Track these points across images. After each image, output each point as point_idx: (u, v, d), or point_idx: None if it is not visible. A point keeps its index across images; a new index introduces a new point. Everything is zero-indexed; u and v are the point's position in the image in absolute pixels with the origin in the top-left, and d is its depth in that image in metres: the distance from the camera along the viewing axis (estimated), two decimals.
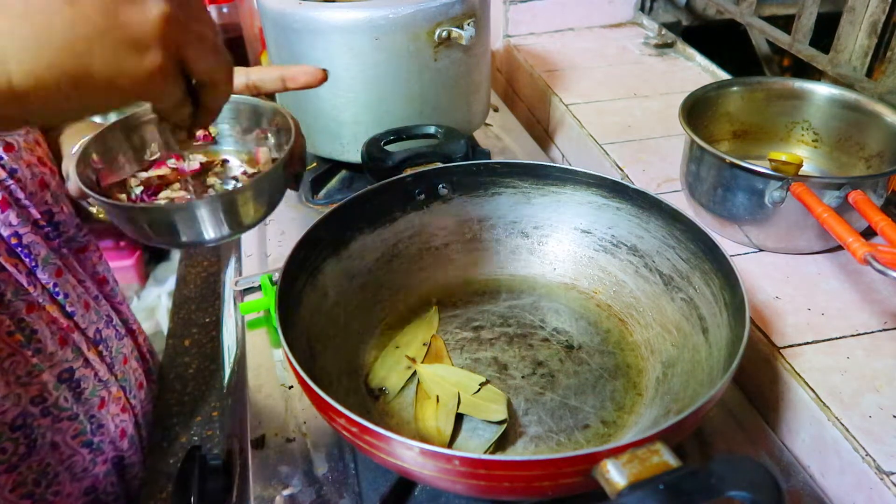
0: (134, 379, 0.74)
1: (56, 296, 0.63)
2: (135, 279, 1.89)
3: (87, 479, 0.67)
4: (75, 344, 0.64)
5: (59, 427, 0.63)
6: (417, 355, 0.60)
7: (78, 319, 0.65)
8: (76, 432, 0.65)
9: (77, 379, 0.64)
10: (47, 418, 0.62)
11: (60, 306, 0.63)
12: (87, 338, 0.66)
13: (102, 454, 0.68)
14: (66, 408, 0.63)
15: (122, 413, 0.70)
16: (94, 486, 0.67)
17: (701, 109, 0.77)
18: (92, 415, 0.66)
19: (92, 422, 0.66)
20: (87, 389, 0.65)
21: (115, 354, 0.71)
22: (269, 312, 0.70)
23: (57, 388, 0.62)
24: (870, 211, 0.59)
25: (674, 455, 0.38)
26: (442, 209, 0.68)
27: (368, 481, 0.53)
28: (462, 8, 0.74)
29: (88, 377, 0.65)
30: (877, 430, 0.52)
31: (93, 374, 0.66)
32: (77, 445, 0.65)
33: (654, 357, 0.59)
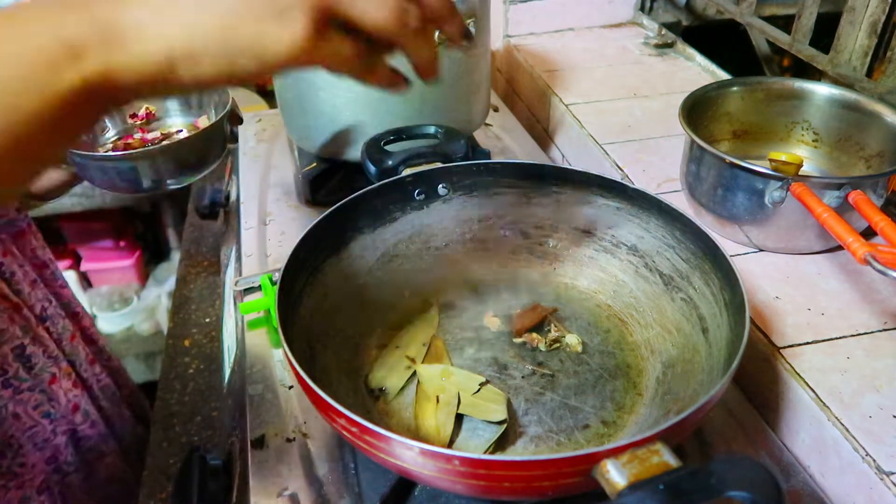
0: (84, 355, 0.78)
1: (3, 273, 0.67)
2: (135, 279, 1.89)
3: (48, 449, 0.70)
4: (24, 320, 0.68)
5: (20, 398, 0.66)
6: (417, 355, 0.60)
7: (25, 297, 0.69)
8: (36, 403, 0.68)
9: (28, 355, 0.68)
10: (8, 390, 0.65)
11: (8, 283, 0.67)
12: (35, 315, 0.70)
13: (61, 426, 0.71)
14: (25, 379, 0.67)
15: (74, 388, 0.74)
16: (55, 456, 0.71)
17: (701, 109, 0.77)
18: (42, 389, 0.69)
19: (45, 394, 0.69)
20: (38, 365, 0.69)
21: (61, 332, 0.74)
22: (269, 312, 0.70)
23: (14, 362, 0.66)
24: (870, 211, 0.59)
25: (674, 455, 0.38)
26: (442, 209, 0.68)
27: (368, 481, 0.53)
28: (462, 8, 0.74)
29: (38, 353, 0.69)
30: (877, 430, 0.52)
31: (42, 351, 0.69)
32: (38, 416, 0.68)
33: (654, 357, 0.59)
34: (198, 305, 0.94)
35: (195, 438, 0.74)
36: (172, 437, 0.74)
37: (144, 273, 1.92)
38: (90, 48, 0.32)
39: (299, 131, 0.84)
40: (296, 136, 0.86)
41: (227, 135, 0.63)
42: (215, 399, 0.78)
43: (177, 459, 0.72)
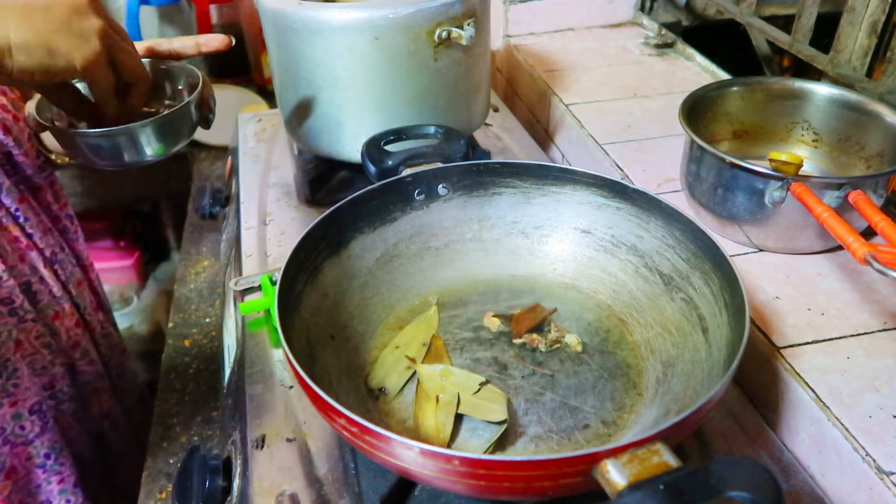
0: (89, 301, 0.86)
1: (17, 219, 0.75)
2: (135, 279, 1.89)
3: (45, 375, 0.78)
4: (31, 262, 0.76)
5: (23, 327, 0.75)
6: (417, 355, 0.60)
7: (36, 240, 0.77)
8: (38, 333, 0.76)
9: (34, 291, 0.76)
10: (14, 318, 0.74)
11: (21, 227, 0.75)
12: (45, 257, 0.78)
13: (59, 358, 0.79)
14: (30, 310, 0.75)
15: (76, 328, 0.82)
16: (52, 383, 0.79)
17: (701, 109, 0.77)
18: (45, 323, 0.78)
19: (48, 328, 0.78)
20: (43, 301, 0.77)
21: (69, 276, 0.82)
22: (269, 312, 0.70)
23: (20, 294, 0.74)
24: (870, 211, 0.59)
25: (674, 455, 0.38)
26: (442, 209, 0.68)
27: (368, 481, 0.53)
28: (462, 8, 0.74)
29: (44, 292, 0.78)
30: (877, 430, 0.52)
31: (47, 291, 0.78)
32: (39, 345, 0.77)
33: (654, 357, 0.59)
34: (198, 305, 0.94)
35: (195, 438, 0.74)
36: (172, 437, 0.74)
37: (144, 273, 1.92)
38: None
39: (299, 131, 0.84)
40: (296, 136, 0.86)
41: (195, 118, 0.68)
42: (215, 399, 0.78)
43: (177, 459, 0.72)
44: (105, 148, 0.63)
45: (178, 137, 0.67)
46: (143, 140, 0.64)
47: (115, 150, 0.63)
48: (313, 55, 0.75)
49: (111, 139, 0.62)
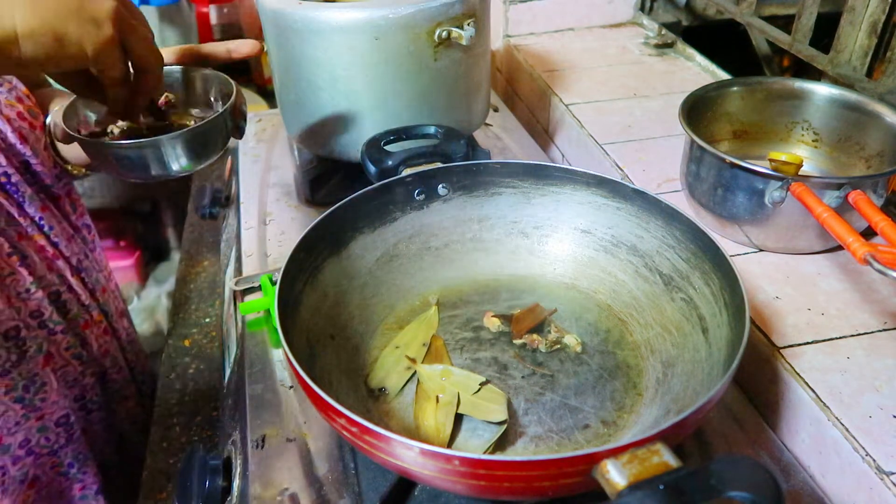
0: (114, 308, 0.85)
1: (42, 227, 0.74)
2: (135, 279, 1.89)
3: (76, 387, 0.77)
4: (59, 271, 0.75)
5: (53, 339, 0.73)
6: (417, 355, 0.60)
7: (62, 248, 0.76)
8: (68, 345, 0.75)
9: (63, 300, 0.75)
10: (43, 330, 0.72)
11: (46, 236, 0.74)
12: (71, 265, 0.77)
13: (91, 367, 0.78)
14: (59, 322, 0.74)
15: (105, 335, 0.81)
16: (83, 394, 0.78)
17: (701, 109, 0.77)
18: (76, 333, 0.76)
19: (78, 338, 0.76)
20: (72, 311, 0.76)
21: (95, 283, 0.81)
22: (269, 312, 0.70)
23: (49, 306, 0.72)
24: (870, 211, 0.59)
25: (674, 455, 0.38)
26: (442, 209, 0.68)
27: (368, 481, 0.53)
28: (462, 8, 0.74)
29: (72, 300, 0.76)
30: (877, 430, 0.52)
31: (76, 300, 0.77)
32: (69, 357, 0.75)
33: (654, 357, 0.59)
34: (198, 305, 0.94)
35: (195, 438, 0.74)
36: (172, 437, 0.74)
37: (144, 273, 1.92)
38: None
39: (299, 131, 0.84)
40: (296, 136, 0.86)
41: (229, 127, 0.66)
42: (215, 399, 0.78)
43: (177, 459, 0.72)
44: (134, 160, 0.60)
45: (211, 149, 0.64)
46: (175, 152, 0.60)
47: (144, 162, 0.60)
48: (313, 55, 0.75)
49: (141, 151, 0.59)
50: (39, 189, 0.75)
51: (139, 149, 0.60)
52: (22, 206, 0.72)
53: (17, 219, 0.71)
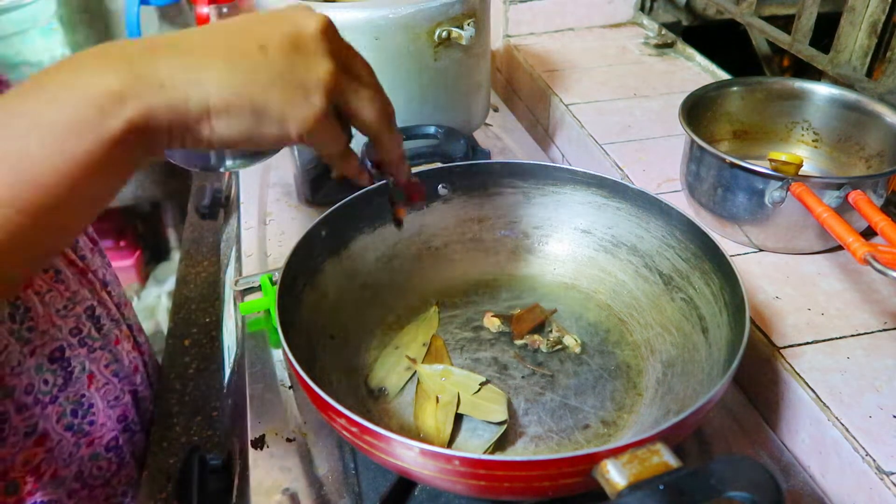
0: (135, 322, 0.81)
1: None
2: (135, 279, 1.89)
3: (118, 406, 0.72)
4: (90, 283, 0.71)
5: (93, 357, 0.69)
6: (417, 355, 0.60)
7: (89, 262, 0.72)
8: (107, 362, 0.71)
9: (97, 316, 0.71)
10: (83, 348, 0.68)
11: (74, 250, 0.70)
12: (98, 279, 0.73)
13: (126, 385, 0.74)
14: (96, 338, 0.69)
15: (133, 351, 0.77)
16: (125, 414, 0.73)
17: (701, 109, 0.77)
18: (110, 349, 0.72)
19: (113, 354, 0.72)
20: (105, 326, 0.72)
21: (119, 297, 0.78)
22: (269, 312, 0.70)
23: (87, 321, 0.68)
24: (870, 211, 0.59)
25: (674, 455, 0.38)
26: (442, 209, 0.68)
27: (368, 481, 0.53)
28: (462, 8, 0.74)
29: (104, 315, 0.72)
30: (877, 430, 0.52)
31: (106, 313, 0.73)
32: (109, 374, 0.71)
33: (654, 357, 0.59)
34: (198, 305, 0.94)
35: (195, 438, 0.74)
36: (172, 437, 0.74)
37: (144, 273, 1.92)
38: (132, 94, 0.35)
39: None
40: None
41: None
42: (215, 399, 0.78)
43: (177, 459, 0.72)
44: (194, 151, 0.57)
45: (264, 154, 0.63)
46: (231, 151, 0.57)
47: (206, 154, 0.58)
48: None
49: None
50: None
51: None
52: None
53: None
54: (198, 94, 0.37)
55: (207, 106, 0.37)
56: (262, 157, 0.62)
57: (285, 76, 0.39)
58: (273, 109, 0.39)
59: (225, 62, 0.38)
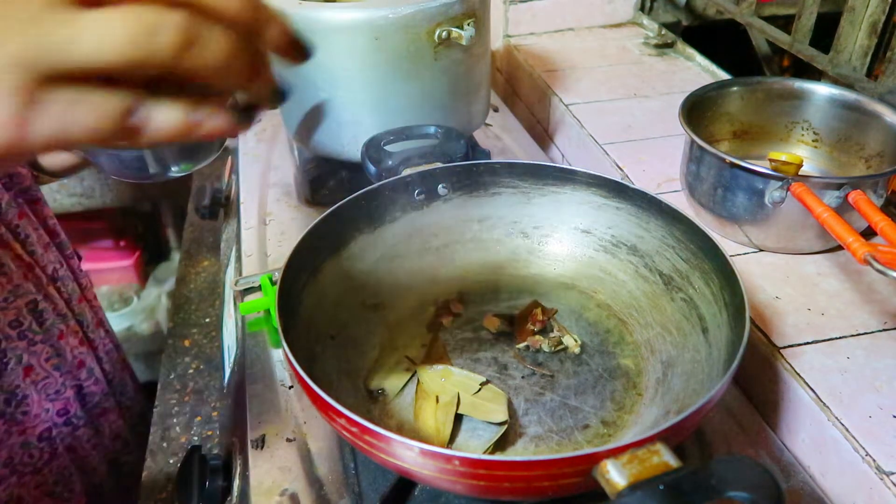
0: (90, 317, 0.82)
1: (18, 235, 0.71)
2: (135, 279, 1.89)
3: (59, 400, 0.75)
4: (36, 278, 0.72)
5: (33, 350, 0.71)
6: (417, 355, 0.60)
7: (38, 257, 0.73)
8: (48, 355, 0.73)
9: (40, 310, 0.72)
10: (23, 341, 0.70)
11: (23, 244, 0.71)
12: (46, 274, 0.74)
13: (68, 380, 0.76)
14: (37, 332, 0.71)
15: (81, 346, 0.79)
16: (66, 408, 0.76)
17: (701, 109, 0.77)
18: (52, 343, 0.74)
19: (55, 349, 0.74)
20: (49, 320, 0.74)
21: (71, 292, 0.79)
22: (269, 312, 0.70)
23: (27, 315, 0.70)
24: (870, 211, 0.59)
25: (674, 455, 0.38)
26: (442, 209, 0.68)
27: (368, 481, 0.53)
28: (462, 8, 0.74)
29: (49, 309, 0.74)
30: (877, 430, 0.52)
31: (52, 308, 0.74)
32: (50, 368, 0.73)
33: (654, 357, 0.59)
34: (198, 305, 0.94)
35: (195, 438, 0.74)
36: (172, 437, 0.74)
37: (144, 273, 1.92)
38: None
39: (299, 131, 0.84)
40: (296, 136, 0.86)
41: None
42: (215, 399, 0.78)
43: (177, 459, 0.72)
44: (133, 160, 0.60)
45: (207, 149, 0.63)
46: (170, 153, 0.60)
47: (141, 163, 0.60)
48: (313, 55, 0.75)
49: (141, 150, 0.59)
50: (18, 192, 0.73)
51: (139, 148, 0.59)
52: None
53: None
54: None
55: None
56: (203, 155, 0.63)
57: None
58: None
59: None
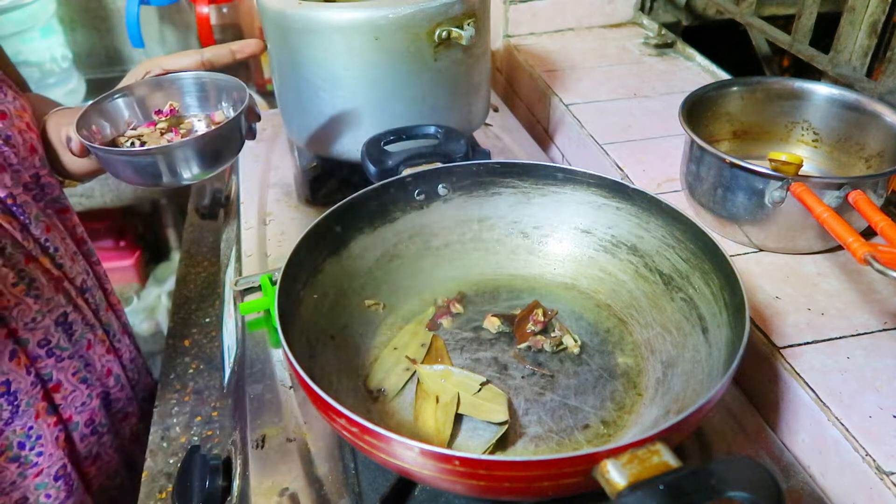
0: (116, 325, 0.83)
1: (47, 249, 0.71)
2: (135, 279, 1.89)
3: (86, 412, 0.76)
4: (66, 291, 0.73)
5: (61, 366, 0.72)
6: (417, 356, 0.60)
7: (66, 270, 0.74)
8: (75, 370, 0.74)
9: (70, 322, 0.73)
10: (52, 359, 0.71)
11: (52, 258, 0.72)
12: (75, 286, 0.75)
13: (95, 389, 0.77)
14: (65, 348, 0.72)
15: (108, 354, 0.80)
16: (92, 418, 0.77)
17: (701, 109, 0.77)
18: (81, 355, 0.75)
19: (82, 360, 0.75)
20: (77, 332, 0.74)
21: (98, 302, 0.80)
22: (269, 312, 0.70)
23: (56, 331, 0.71)
24: (870, 211, 0.59)
25: (674, 455, 0.38)
26: (442, 209, 0.68)
27: (368, 481, 0.53)
28: (462, 8, 0.74)
29: (78, 321, 0.74)
30: (877, 430, 0.52)
31: (81, 318, 0.75)
32: (76, 382, 0.74)
33: (654, 357, 0.59)
34: (198, 305, 0.94)
35: (195, 438, 0.74)
36: (172, 437, 0.74)
37: (144, 273, 1.92)
38: None
39: (299, 131, 0.84)
40: (296, 136, 0.86)
41: (244, 131, 0.65)
42: (215, 399, 0.78)
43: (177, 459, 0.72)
44: (151, 168, 0.60)
45: (225, 155, 0.64)
46: (191, 159, 0.60)
47: (158, 171, 0.60)
48: (313, 55, 0.75)
49: (159, 158, 0.59)
50: (47, 204, 0.73)
51: (160, 155, 0.59)
52: (27, 227, 0.69)
53: (21, 242, 0.68)
54: None
55: None
56: (218, 163, 0.63)
57: None
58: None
59: None
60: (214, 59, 0.68)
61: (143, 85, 0.69)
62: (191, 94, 0.70)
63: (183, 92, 0.69)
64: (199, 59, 0.68)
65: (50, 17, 1.51)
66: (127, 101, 0.68)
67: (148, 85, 0.69)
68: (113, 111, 0.68)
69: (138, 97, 0.69)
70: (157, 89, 0.69)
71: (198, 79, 0.69)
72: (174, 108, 0.68)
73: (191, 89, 0.69)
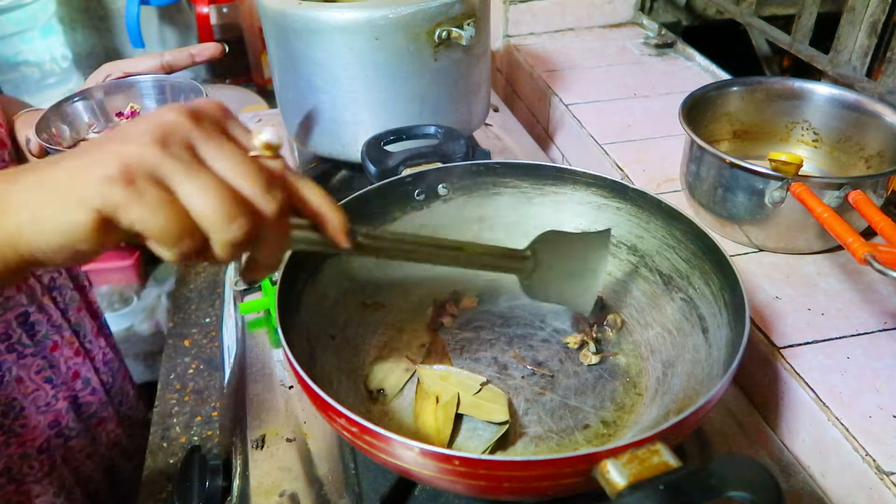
0: (89, 327, 0.81)
1: None
2: (135, 279, 1.89)
3: (50, 412, 0.74)
4: (30, 289, 0.71)
5: (23, 363, 0.70)
6: (417, 356, 0.60)
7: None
8: (39, 368, 0.72)
9: (31, 322, 0.71)
10: (12, 354, 0.69)
11: None
12: (42, 284, 0.73)
13: (61, 391, 0.75)
14: (28, 345, 0.71)
15: (76, 356, 0.78)
16: (57, 420, 0.75)
17: (701, 109, 0.77)
18: (45, 355, 0.73)
19: (47, 361, 0.73)
20: (41, 332, 0.73)
21: (68, 302, 0.78)
22: (269, 312, 0.70)
23: (17, 328, 0.69)
24: (870, 211, 0.59)
25: (674, 455, 0.38)
26: (442, 209, 0.68)
27: (368, 481, 0.53)
28: (462, 8, 0.74)
29: (42, 321, 0.73)
30: (877, 430, 0.52)
31: (46, 319, 0.73)
32: (40, 381, 0.72)
33: (654, 357, 0.59)
34: (198, 305, 0.94)
35: (195, 438, 0.74)
36: (172, 437, 0.74)
37: (144, 273, 1.92)
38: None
39: (299, 131, 0.84)
40: (296, 136, 0.86)
41: None
42: (215, 399, 0.78)
43: (177, 459, 0.72)
44: None
45: None
46: None
47: None
48: (313, 55, 0.75)
49: None
50: None
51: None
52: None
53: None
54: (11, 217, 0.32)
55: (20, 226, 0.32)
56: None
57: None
58: (48, 226, 0.32)
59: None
60: (174, 62, 0.69)
61: (103, 88, 0.69)
62: (150, 96, 0.71)
63: (143, 94, 0.70)
64: (159, 62, 0.69)
65: (50, 17, 1.51)
66: (86, 105, 0.68)
67: (108, 88, 0.69)
68: (73, 114, 0.68)
69: (98, 100, 0.69)
70: (118, 92, 0.70)
71: (157, 81, 0.70)
72: (135, 110, 0.69)
73: (150, 92, 0.70)
